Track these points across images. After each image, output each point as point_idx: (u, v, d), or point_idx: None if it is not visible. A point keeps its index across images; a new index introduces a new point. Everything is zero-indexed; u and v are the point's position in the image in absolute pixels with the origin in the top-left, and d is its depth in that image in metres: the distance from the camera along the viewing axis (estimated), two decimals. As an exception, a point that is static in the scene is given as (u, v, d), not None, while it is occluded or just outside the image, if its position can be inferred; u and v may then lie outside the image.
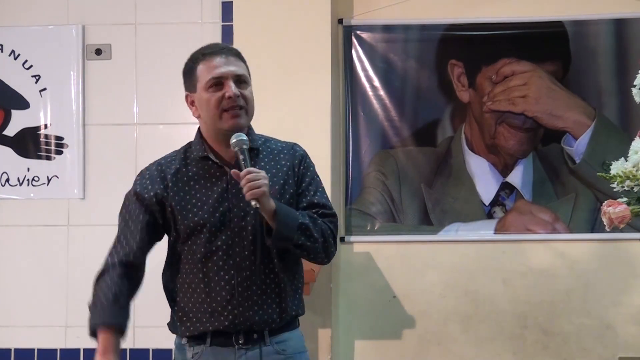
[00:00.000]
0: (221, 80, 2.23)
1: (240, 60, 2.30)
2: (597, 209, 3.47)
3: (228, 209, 2.21)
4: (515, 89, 3.59)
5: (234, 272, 2.20)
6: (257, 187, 2.09)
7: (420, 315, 3.58)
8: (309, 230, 2.21)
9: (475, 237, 3.59)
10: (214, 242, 2.21)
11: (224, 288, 2.20)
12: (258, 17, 3.48)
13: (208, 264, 2.21)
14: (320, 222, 2.26)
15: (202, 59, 2.28)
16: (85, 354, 3.65)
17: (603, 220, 2.28)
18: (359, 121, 3.65)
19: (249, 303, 2.20)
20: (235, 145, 2.17)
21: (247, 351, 2.22)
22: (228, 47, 2.33)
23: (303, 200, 2.29)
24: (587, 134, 3.56)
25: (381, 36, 3.66)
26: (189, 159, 2.31)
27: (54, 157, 3.69)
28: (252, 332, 2.21)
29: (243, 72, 2.27)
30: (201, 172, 2.27)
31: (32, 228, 3.70)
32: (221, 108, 2.22)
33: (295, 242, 2.18)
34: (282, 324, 2.25)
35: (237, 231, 2.21)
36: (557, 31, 3.59)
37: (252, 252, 2.20)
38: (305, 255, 2.26)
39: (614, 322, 3.51)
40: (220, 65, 2.24)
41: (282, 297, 2.24)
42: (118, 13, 3.72)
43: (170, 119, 3.69)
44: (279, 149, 2.33)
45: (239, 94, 2.22)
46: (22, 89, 3.71)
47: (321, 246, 2.24)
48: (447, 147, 3.63)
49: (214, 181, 2.25)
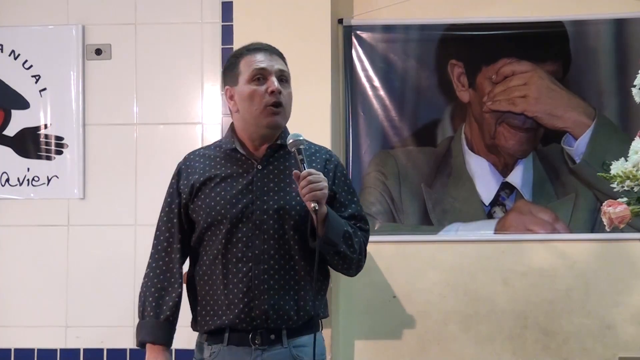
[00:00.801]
0: (264, 74, 2.26)
1: (283, 60, 2.33)
2: (597, 209, 3.47)
3: (251, 202, 2.23)
4: (515, 89, 3.59)
5: (252, 264, 2.21)
6: (319, 189, 2.11)
7: (420, 315, 3.58)
8: (351, 240, 2.23)
9: (475, 237, 3.59)
10: (235, 234, 2.22)
11: (241, 280, 2.20)
12: (258, 17, 3.48)
13: (227, 255, 2.22)
14: (360, 235, 2.29)
15: (247, 54, 2.31)
16: (85, 354, 3.65)
17: (603, 220, 2.28)
18: (359, 121, 3.65)
19: (265, 296, 2.19)
20: (292, 146, 2.19)
21: (264, 352, 2.21)
22: (272, 47, 2.36)
23: (343, 210, 2.30)
24: (587, 134, 3.56)
25: (381, 36, 3.66)
26: (219, 151, 2.34)
27: (54, 157, 3.69)
28: (270, 332, 2.21)
29: (286, 70, 2.31)
30: (228, 164, 2.29)
31: (32, 228, 3.70)
32: (264, 103, 2.24)
33: (338, 250, 2.20)
34: (299, 323, 2.24)
35: (258, 224, 2.22)
36: (557, 31, 3.59)
37: (271, 246, 2.21)
38: (340, 264, 2.27)
39: (614, 322, 3.51)
40: (264, 60, 2.28)
41: (300, 295, 2.23)
42: (118, 13, 3.72)
43: (170, 119, 3.69)
44: (312, 151, 2.34)
45: (281, 90, 2.25)
46: (22, 89, 3.71)
47: (357, 258, 2.27)
48: (447, 147, 3.63)
49: (240, 172, 2.27)
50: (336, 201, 2.30)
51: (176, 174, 2.38)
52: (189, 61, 3.69)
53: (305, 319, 2.25)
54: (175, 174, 2.38)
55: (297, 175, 2.15)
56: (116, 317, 3.64)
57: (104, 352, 3.65)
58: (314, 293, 2.26)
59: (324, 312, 2.34)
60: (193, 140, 3.68)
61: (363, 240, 2.31)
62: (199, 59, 3.69)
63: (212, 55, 3.68)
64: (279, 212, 2.22)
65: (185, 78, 3.70)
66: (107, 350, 3.65)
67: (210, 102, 3.69)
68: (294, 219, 2.23)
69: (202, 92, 3.70)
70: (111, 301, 3.65)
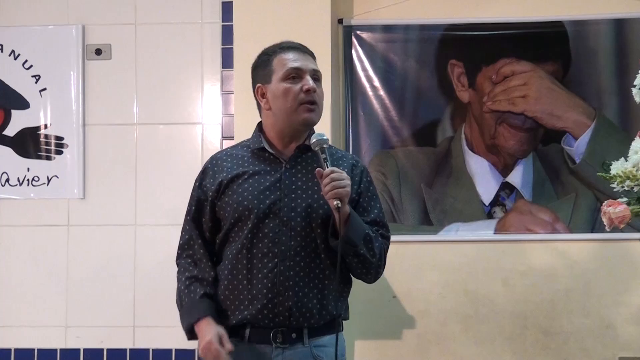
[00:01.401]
0: (299, 73, 2.27)
1: (314, 59, 2.35)
2: (597, 209, 3.46)
3: (278, 199, 2.23)
4: (515, 89, 3.59)
5: (277, 260, 2.20)
6: (342, 187, 2.11)
7: (420, 315, 3.58)
8: (372, 244, 2.23)
9: (475, 237, 3.59)
10: (261, 229, 2.22)
11: (266, 275, 2.20)
12: (258, 17, 3.48)
13: (253, 250, 2.22)
14: (381, 240, 2.29)
15: (280, 52, 2.32)
16: (85, 354, 3.65)
17: (603, 220, 2.28)
18: (359, 121, 3.65)
19: (289, 293, 2.19)
20: (316, 145, 2.20)
21: (284, 350, 2.21)
22: (303, 45, 2.37)
23: (365, 215, 2.30)
24: (587, 134, 3.56)
25: (381, 36, 3.66)
26: (246, 151, 2.34)
27: (54, 157, 3.69)
28: (291, 330, 2.21)
29: (319, 70, 2.33)
30: (256, 162, 2.29)
31: (32, 228, 3.70)
32: (299, 100, 2.25)
33: (358, 251, 2.20)
34: (321, 322, 2.23)
35: (286, 221, 2.22)
36: (557, 31, 3.59)
37: (298, 243, 2.21)
38: (359, 267, 2.26)
39: (614, 322, 3.51)
40: (298, 59, 2.29)
41: (324, 294, 2.23)
42: (118, 13, 3.72)
43: (170, 119, 3.69)
44: (339, 156, 2.36)
45: (315, 89, 2.26)
46: (22, 89, 3.71)
47: (376, 263, 2.27)
48: (447, 147, 3.63)
49: (268, 170, 2.28)
50: (359, 206, 2.31)
51: (201, 172, 2.37)
52: (189, 61, 3.69)
53: (327, 319, 2.25)
54: (200, 173, 2.37)
55: (320, 173, 2.15)
56: (116, 317, 3.64)
57: (104, 352, 3.65)
58: (337, 293, 2.26)
59: (345, 313, 2.34)
60: (193, 140, 3.68)
61: (384, 247, 2.31)
62: (199, 59, 3.69)
63: (212, 55, 3.68)
64: (307, 210, 2.22)
65: (185, 78, 3.70)
66: (107, 350, 3.65)
67: (210, 102, 3.69)
68: (321, 217, 2.23)
69: (202, 92, 3.70)
70: (111, 301, 3.65)
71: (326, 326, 2.26)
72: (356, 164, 2.35)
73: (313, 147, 2.21)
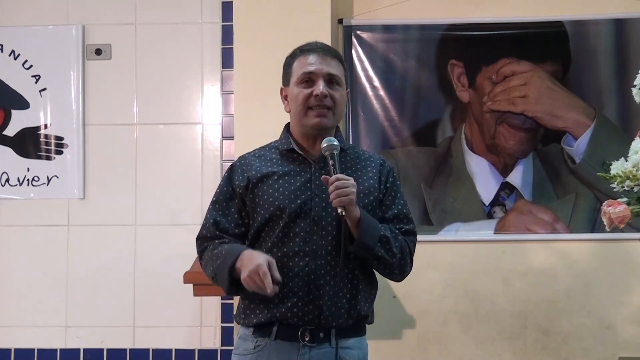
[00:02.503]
0: (312, 77, 2.26)
1: (338, 61, 2.31)
2: (597, 209, 3.47)
3: (310, 198, 2.23)
4: (515, 89, 3.59)
5: (309, 259, 2.20)
6: (345, 195, 2.11)
7: (420, 315, 3.58)
8: (389, 244, 2.22)
9: (475, 237, 3.59)
10: (293, 228, 2.21)
11: (297, 274, 2.19)
12: (258, 17, 3.48)
13: (284, 248, 2.21)
14: (401, 239, 2.28)
15: (300, 55, 2.31)
16: (85, 354, 3.65)
17: (603, 220, 2.28)
18: (359, 121, 3.65)
19: (320, 292, 2.19)
20: (325, 150, 2.19)
21: (311, 350, 2.20)
22: (327, 47, 2.34)
23: (389, 212, 2.30)
24: (587, 134, 3.56)
25: (381, 36, 3.66)
26: (275, 152, 2.33)
27: (54, 157, 3.69)
28: (319, 330, 2.20)
29: (336, 73, 2.28)
30: (285, 163, 2.29)
31: (32, 228, 3.70)
32: (307, 105, 2.25)
33: (375, 254, 2.19)
34: (350, 322, 2.23)
35: (317, 220, 2.21)
36: (557, 31, 3.59)
37: (329, 242, 2.20)
38: (382, 268, 2.26)
39: (614, 322, 3.51)
40: (315, 62, 2.27)
41: (353, 294, 2.23)
42: (118, 13, 3.72)
43: (170, 119, 3.69)
44: (366, 156, 2.36)
45: (327, 94, 2.24)
46: (22, 89, 3.71)
47: (398, 262, 2.26)
48: (447, 147, 3.63)
49: (297, 171, 2.27)
50: (382, 203, 2.31)
51: (229, 170, 2.34)
52: (189, 61, 3.69)
53: (355, 319, 2.25)
54: (228, 170, 2.34)
55: (326, 179, 2.16)
56: (116, 317, 3.64)
57: (104, 352, 3.65)
58: (365, 294, 2.26)
59: (372, 316, 2.34)
60: (193, 140, 3.68)
61: (406, 244, 2.29)
62: (199, 59, 3.69)
63: (212, 55, 3.68)
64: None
65: (185, 78, 3.70)
66: (107, 350, 3.65)
67: (210, 102, 3.69)
68: None
69: (202, 92, 3.70)
70: (111, 301, 3.65)
71: (353, 328, 2.26)
72: (383, 164, 2.36)
73: (323, 152, 2.20)
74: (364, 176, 2.30)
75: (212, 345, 3.63)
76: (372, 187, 2.29)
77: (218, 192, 2.33)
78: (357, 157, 2.34)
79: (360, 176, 2.29)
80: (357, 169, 2.31)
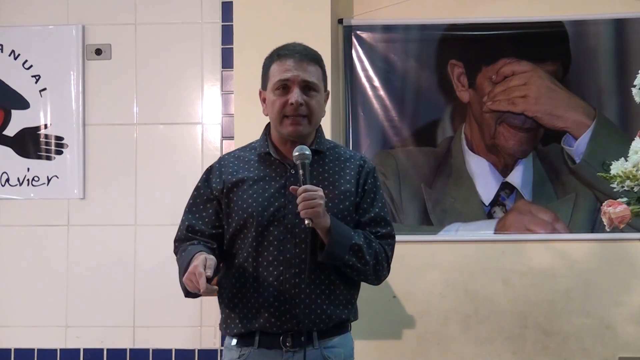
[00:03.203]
0: (288, 85, 2.23)
1: (315, 64, 2.28)
2: (597, 209, 3.46)
3: (283, 205, 2.22)
4: (515, 89, 3.59)
5: (283, 268, 2.19)
6: (311, 207, 2.10)
7: (420, 315, 3.58)
8: (361, 253, 2.21)
9: (475, 237, 3.59)
10: (266, 236, 2.21)
11: (272, 284, 2.19)
12: (258, 17, 3.48)
13: (259, 258, 2.21)
14: (376, 245, 2.26)
15: (277, 59, 2.27)
16: (85, 354, 3.65)
17: (603, 220, 2.28)
18: (359, 121, 3.65)
19: (296, 301, 2.18)
20: (297, 159, 2.17)
21: (295, 354, 2.20)
22: (305, 50, 2.30)
23: (366, 215, 2.29)
24: (587, 134, 3.56)
25: (381, 36, 3.66)
26: (253, 153, 2.32)
27: (54, 157, 3.69)
28: (300, 334, 2.19)
29: (312, 80, 2.25)
30: (262, 167, 2.28)
31: (32, 228, 3.70)
32: (283, 113, 2.23)
33: (346, 262, 2.19)
34: (330, 325, 2.23)
35: (290, 227, 2.20)
36: (557, 31, 3.59)
37: (303, 249, 2.19)
38: (355, 275, 2.25)
39: (614, 322, 3.51)
40: (291, 68, 2.23)
41: (331, 299, 2.23)
42: (118, 13, 3.72)
43: (170, 119, 3.69)
44: (347, 157, 2.33)
45: (302, 102, 2.22)
46: (22, 89, 3.71)
47: (372, 269, 2.25)
48: (447, 147, 3.63)
49: (273, 176, 2.26)
50: (359, 207, 2.30)
51: (207, 172, 2.34)
52: (189, 61, 3.69)
53: (335, 322, 2.25)
54: (207, 172, 2.34)
55: (295, 189, 2.14)
56: (116, 317, 3.64)
57: (104, 352, 3.65)
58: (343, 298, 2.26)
59: (355, 315, 2.34)
60: (193, 140, 3.68)
61: (382, 249, 2.28)
62: (199, 59, 3.69)
63: (212, 55, 3.68)
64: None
65: (185, 78, 3.70)
66: (107, 350, 3.65)
67: (210, 102, 3.69)
68: None
69: (202, 92, 3.70)
70: (111, 301, 3.65)
71: (335, 328, 2.26)
72: (363, 165, 2.33)
73: (294, 161, 2.18)
74: (341, 179, 2.27)
75: (212, 345, 3.63)
76: (348, 192, 2.26)
77: (195, 194, 2.33)
78: (337, 159, 2.31)
79: (338, 179, 2.27)
80: (335, 171, 2.28)
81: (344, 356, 2.28)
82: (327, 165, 2.29)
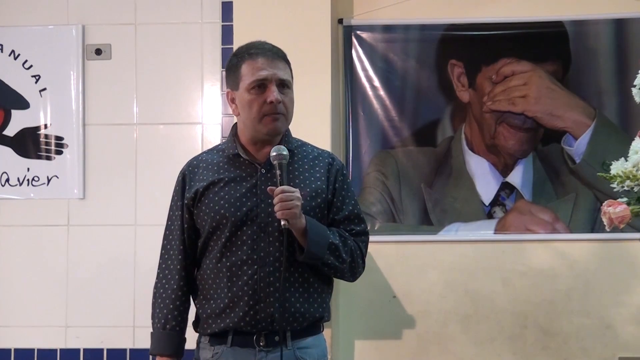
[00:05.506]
0: (265, 83, 2.24)
1: (286, 62, 2.30)
2: (597, 209, 3.46)
3: (255, 205, 2.23)
4: (515, 89, 3.59)
5: (257, 267, 2.21)
6: (289, 208, 2.12)
7: (420, 315, 3.58)
8: (338, 251, 2.23)
9: (475, 237, 3.59)
10: (239, 236, 2.22)
11: (246, 282, 2.20)
12: (258, 17, 3.48)
13: (232, 258, 2.22)
14: (351, 243, 2.28)
15: (248, 58, 2.28)
16: (85, 354, 3.65)
17: (603, 220, 2.28)
18: (359, 121, 3.65)
19: (270, 299, 2.19)
20: (274, 159, 2.19)
21: (268, 354, 2.21)
22: (275, 48, 2.32)
23: (339, 213, 2.31)
24: (587, 134, 3.56)
25: (381, 36, 3.66)
26: (222, 156, 2.34)
27: (54, 157, 3.69)
28: (274, 334, 2.20)
29: (286, 77, 2.28)
30: (232, 168, 2.29)
31: (32, 228, 3.70)
32: (262, 112, 2.24)
33: (325, 262, 2.21)
34: (304, 324, 2.24)
35: (263, 227, 2.22)
36: (557, 31, 3.59)
37: (277, 248, 2.20)
38: (332, 273, 2.28)
39: (614, 322, 3.51)
40: (265, 67, 2.25)
41: (305, 297, 2.24)
42: (118, 13, 3.72)
43: (170, 119, 3.69)
44: (315, 155, 2.35)
45: (280, 100, 2.24)
46: (22, 89, 3.71)
47: (348, 267, 2.27)
48: (447, 147, 3.63)
49: (243, 176, 2.27)
50: (333, 205, 2.31)
51: (180, 180, 2.38)
52: (189, 61, 3.69)
53: (310, 321, 2.26)
54: (180, 181, 2.38)
55: (272, 190, 2.15)
56: (116, 317, 3.64)
57: (104, 352, 3.65)
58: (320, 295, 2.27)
59: (328, 315, 2.35)
60: (193, 140, 3.68)
61: (357, 246, 2.31)
62: (199, 59, 3.69)
63: (212, 55, 3.68)
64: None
65: (185, 78, 3.70)
66: (107, 350, 3.65)
67: (210, 102, 3.69)
68: None
69: (202, 92, 3.70)
70: (111, 301, 3.65)
71: (309, 328, 2.27)
72: (332, 163, 2.35)
73: (272, 161, 2.20)
74: (312, 177, 2.29)
75: (212, 345, 3.63)
76: (319, 189, 2.28)
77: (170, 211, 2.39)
78: (305, 157, 2.32)
79: (308, 177, 2.28)
80: (305, 169, 2.30)
81: (317, 356, 2.29)
82: (297, 164, 2.30)
